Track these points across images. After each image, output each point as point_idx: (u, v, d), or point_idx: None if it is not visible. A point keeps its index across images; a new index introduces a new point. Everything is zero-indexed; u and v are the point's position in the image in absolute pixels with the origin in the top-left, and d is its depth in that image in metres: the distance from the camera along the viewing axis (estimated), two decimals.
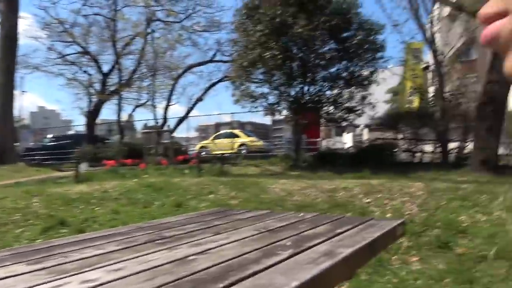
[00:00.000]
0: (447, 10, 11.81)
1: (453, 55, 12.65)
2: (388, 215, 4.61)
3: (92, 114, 18.77)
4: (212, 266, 1.08)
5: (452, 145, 11.19)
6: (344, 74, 10.81)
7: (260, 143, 19.54)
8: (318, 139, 17.53)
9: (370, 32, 10.28)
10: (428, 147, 12.03)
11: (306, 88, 10.85)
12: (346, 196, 5.31)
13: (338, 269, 1.12)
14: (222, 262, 1.12)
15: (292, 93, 10.89)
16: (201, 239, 1.49)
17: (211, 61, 19.10)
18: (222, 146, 18.48)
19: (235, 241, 1.43)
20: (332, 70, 10.84)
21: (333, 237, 1.47)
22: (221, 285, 0.92)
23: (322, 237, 1.45)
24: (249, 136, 20.13)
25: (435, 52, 10.98)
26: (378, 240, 1.46)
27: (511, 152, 11.49)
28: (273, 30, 9.68)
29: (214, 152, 17.27)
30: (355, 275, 3.11)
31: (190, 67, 18.99)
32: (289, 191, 5.75)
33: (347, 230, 1.59)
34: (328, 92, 11.24)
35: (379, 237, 1.49)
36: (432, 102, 12.68)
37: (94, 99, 18.59)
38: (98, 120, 22.04)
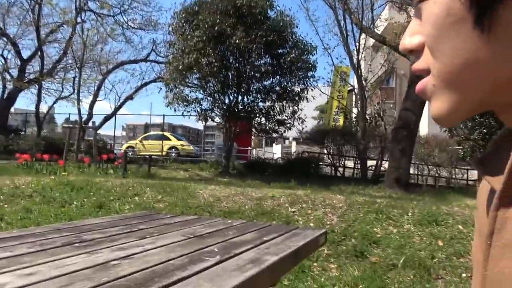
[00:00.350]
0: (372, 41, 12.83)
1: (375, 82, 13.75)
2: (311, 224, 4.81)
3: (5, 102, 17.01)
4: (136, 272, 1.04)
5: (370, 163, 12.07)
6: (277, 88, 11.15)
7: (191, 147, 19.28)
8: (248, 148, 17.80)
9: (303, 52, 10.76)
10: (350, 163, 12.84)
11: (240, 97, 10.99)
12: (273, 204, 5.44)
13: (264, 276, 1.15)
14: (146, 268, 1.08)
15: (226, 101, 10.96)
16: (125, 243, 1.43)
17: (145, 60, 18.49)
18: (151, 147, 17.91)
19: (161, 246, 1.39)
20: (266, 83, 11.14)
21: (260, 244, 1.50)
22: None
23: (249, 245, 1.47)
24: (179, 139, 19.75)
25: (359, 77, 11.84)
26: (302, 249, 1.52)
27: (420, 172, 12.70)
28: (211, 37, 9.69)
29: (141, 153, 16.65)
30: (278, 281, 3.19)
31: (122, 63, 18.20)
32: (217, 197, 5.74)
33: (273, 238, 1.63)
34: (261, 104, 11.49)
35: (303, 245, 1.55)
36: (355, 122, 13.61)
37: (10, 85, 16.90)
38: (12, 109, 20.07)
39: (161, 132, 19.60)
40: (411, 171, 11.18)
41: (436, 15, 0.36)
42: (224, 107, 10.78)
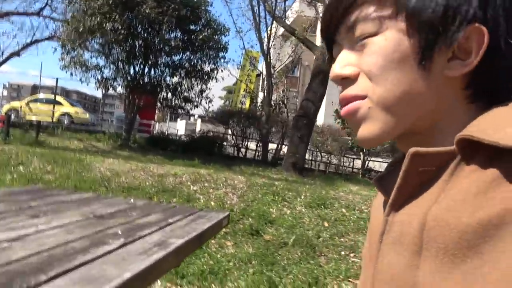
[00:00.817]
0: (282, 30, 13.32)
1: (282, 70, 14.35)
2: (212, 203, 4.92)
3: None
4: (31, 255, 0.98)
5: (271, 146, 12.67)
6: (187, 65, 10.92)
7: (87, 115, 17.80)
8: (152, 122, 17.17)
9: (216, 31, 10.68)
10: (252, 145, 13.29)
11: (146, 69, 10.49)
12: (174, 182, 5.40)
13: (170, 259, 1.17)
14: (42, 251, 1.02)
15: (132, 72, 10.36)
16: (14, 222, 1.31)
17: (37, 14, 16.36)
18: (39, 112, 16.08)
19: (57, 226, 1.31)
20: (176, 58, 10.82)
21: (165, 226, 1.50)
22: (44, 277, 0.84)
23: (154, 227, 1.47)
24: (74, 105, 18.06)
25: (268, 64, 12.22)
26: (207, 231, 1.57)
27: (314, 159, 13.76)
28: (118, 2, 9.00)
29: (28, 118, 14.86)
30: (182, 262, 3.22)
31: (7, 14, 15.83)
32: (116, 172, 5.47)
33: (178, 220, 1.65)
34: (168, 79, 11.15)
35: (208, 228, 1.60)
36: (261, 107, 14.06)
37: None
38: None
39: (53, 96, 17.68)
40: (307, 156, 12.06)
41: (386, 48, 0.43)
42: (129, 77, 10.19)
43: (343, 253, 4.09)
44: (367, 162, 12.82)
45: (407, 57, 0.43)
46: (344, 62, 0.47)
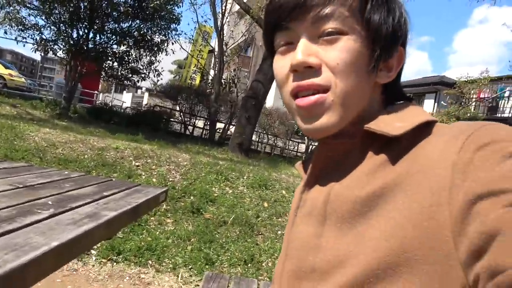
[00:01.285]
0: (237, 7, 13.13)
1: (235, 48, 14.21)
2: (154, 180, 4.86)
3: None
4: None
5: (219, 125, 12.63)
6: (136, 34, 10.41)
7: (22, 79, 16.46)
8: (95, 92, 16.31)
9: (168, 1, 10.24)
10: (200, 123, 13.16)
11: (91, 35, 9.87)
12: (115, 156, 5.25)
13: (100, 231, 1.18)
14: None
15: (75, 35, 9.70)
16: None
17: None
18: None
19: None
20: (124, 25, 10.25)
21: (99, 199, 1.49)
22: None
23: (88, 199, 1.46)
24: (7, 68, 16.61)
25: (221, 41, 12.03)
26: (141, 205, 1.59)
27: (260, 140, 13.96)
28: None
29: None
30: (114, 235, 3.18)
31: None
32: (52, 142, 5.19)
33: (113, 194, 1.64)
34: (115, 47, 10.59)
35: (143, 202, 1.62)
36: (211, 84, 13.88)
37: None
38: None
39: None
40: (254, 138, 12.20)
41: (353, 49, 0.50)
42: (71, 41, 9.53)
43: (279, 232, 4.28)
44: (311, 146, 13.26)
45: (363, 62, 0.51)
46: (308, 52, 0.51)
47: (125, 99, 22.51)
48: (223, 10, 12.31)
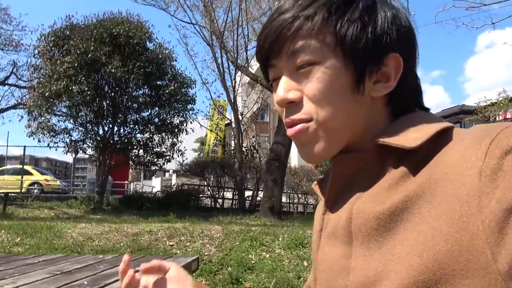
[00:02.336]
0: (247, 78, 13.86)
1: (251, 116, 14.74)
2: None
3: None
4: None
5: (248, 193, 12.65)
6: (156, 120, 11.04)
7: (57, 182, 17.35)
8: (125, 182, 16.89)
9: (182, 85, 10.95)
10: (229, 194, 13.23)
11: (116, 128, 10.53)
12: (150, 239, 5.30)
13: None
14: None
15: (100, 132, 10.37)
16: None
17: (2, 83, 16.34)
18: (7, 183, 15.53)
19: (23, 285, 1.32)
20: (144, 114, 10.94)
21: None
22: None
23: (118, 277, 1.50)
24: (43, 174, 17.62)
25: (236, 112, 12.55)
26: None
27: (291, 201, 13.79)
28: (84, 64, 9.21)
29: None
30: None
31: None
32: (88, 236, 5.33)
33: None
34: (138, 135, 11.19)
35: None
36: (233, 154, 14.21)
37: None
38: None
39: (21, 166, 17.24)
40: (283, 199, 12.08)
41: (327, 76, 0.50)
42: (98, 138, 10.17)
43: None
44: None
45: (345, 83, 0.50)
46: (288, 87, 0.52)
47: (155, 184, 23.12)
48: (234, 83, 12.98)
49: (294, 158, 17.57)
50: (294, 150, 13.12)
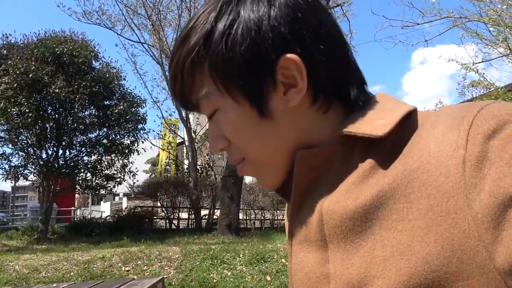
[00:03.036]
0: None
1: (204, 134, 14.63)
2: None
3: None
4: None
5: (204, 212, 12.41)
6: (105, 141, 10.60)
7: None
8: (71, 208, 15.91)
9: (132, 104, 10.66)
10: (184, 214, 12.89)
11: (60, 151, 9.95)
12: (103, 266, 4.99)
13: None
14: None
15: (44, 156, 9.74)
16: None
17: None
18: None
19: None
20: (92, 135, 10.46)
21: None
22: None
23: None
24: None
25: (189, 130, 12.37)
26: None
27: (248, 217, 13.73)
28: (24, 85, 8.67)
29: None
30: None
31: None
32: (34, 267, 4.91)
33: None
34: (86, 158, 10.65)
35: None
36: (187, 173, 13.94)
37: None
38: None
39: None
40: (241, 216, 11.99)
41: (230, 121, 0.47)
42: (41, 162, 9.53)
43: None
44: None
45: (249, 117, 0.46)
46: (213, 136, 0.51)
47: (104, 209, 22.00)
48: None
49: None
50: None
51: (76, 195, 16.18)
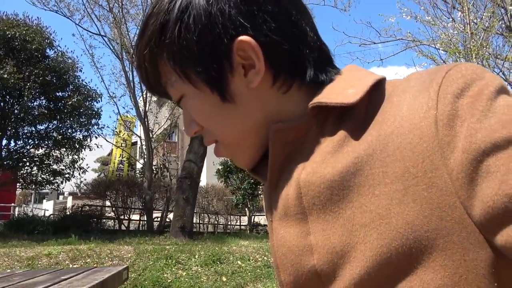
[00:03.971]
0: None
1: (161, 134, 14.28)
2: None
3: None
4: None
5: (156, 214, 12.06)
6: (54, 134, 10.03)
7: None
8: (11, 205, 14.84)
9: (87, 97, 10.22)
10: (135, 216, 12.44)
11: (4, 142, 9.27)
12: (49, 263, 4.69)
13: None
14: None
15: None
16: None
17: None
18: None
19: None
20: (41, 127, 9.86)
21: (60, 282, 1.33)
22: None
23: (46, 284, 1.29)
24: None
25: (146, 129, 12.04)
26: (109, 281, 1.44)
27: (201, 221, 13.54)
28: None
29: None
30: None
31: None
32: None
33: (72, 277, 1.47)
34: (32, 150, 10.00)
35: (109, 278, 1.47)
36: (141, 172, 13.51)
37: None
38: None
39: None
40: (194, 220, 11.78)
41: (195, 106, 0.48)
42: None
43: None
44: (253, 217, 13.17)
45: (212, 101, 0.47)
46: (187, 121, 0.52)
47: (47, 207, 20.70)
48: (145, 99, 12.48)
49: (203, 177, 17.44)
50: (205, 169, 13.02)
51: (17, 191, 15.10)
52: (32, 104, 9.43)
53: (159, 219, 11.95)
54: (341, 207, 0.40)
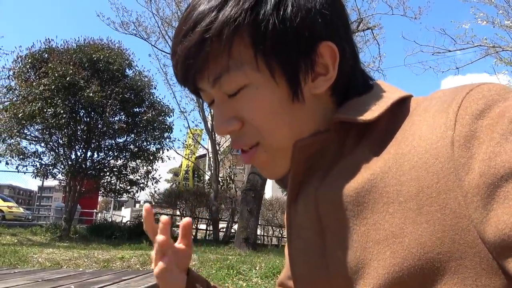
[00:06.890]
0: None
1: (227, 147, 14.79)
2: None
3: None
4: None
5: (222, 225, 12.43)
6: (131, 146, 10.89)
7: (20, 209, 16.57)
8: (94, 211, 16.26)
9: (160, 113, 10.95)
10: (202, 225, 12.94)
11: (89, 153, 10.28)
12: (122, 266, 5.07)
13: None
14: None
15: (73, 156, 10.08)
16: None
17: None
18: None
19: None
20: (120, 140, 10.77)
21: (120, 282, 1.47)
22: None
23: (108, 283, 1.44)
24: (6, 201, 16.82)
25: (213, 142, 12.55)
26: None
27: (265, 233, 13.64)
28: (61, 87, 9.08)
29: None
30: None
31: None
32: (56, 261, 5.05)
33: (132, 278, 1.62)
34: (112, 162, 10.95)
35: None
36: (208, 184, 14.06)
37: None
38: None
39: None
40: (259, 232, 11.93)
41: (260, 98, 0.44)
42: (70, 163, 9.87)
43: None
44: None
45: (281, 97, 0.45)
46: (224, 117, 0.47)
47: (124, 214, 22.33)
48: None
49: (269, 190, 17.57)
50: (270, 182, 13.17)
51: (99, 198, 16.54)
52: (113, 119, 10.36)
53: (225, 229, 12.29)
54: (355, 223, 0.41)
